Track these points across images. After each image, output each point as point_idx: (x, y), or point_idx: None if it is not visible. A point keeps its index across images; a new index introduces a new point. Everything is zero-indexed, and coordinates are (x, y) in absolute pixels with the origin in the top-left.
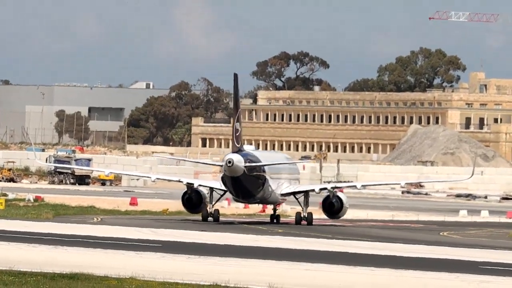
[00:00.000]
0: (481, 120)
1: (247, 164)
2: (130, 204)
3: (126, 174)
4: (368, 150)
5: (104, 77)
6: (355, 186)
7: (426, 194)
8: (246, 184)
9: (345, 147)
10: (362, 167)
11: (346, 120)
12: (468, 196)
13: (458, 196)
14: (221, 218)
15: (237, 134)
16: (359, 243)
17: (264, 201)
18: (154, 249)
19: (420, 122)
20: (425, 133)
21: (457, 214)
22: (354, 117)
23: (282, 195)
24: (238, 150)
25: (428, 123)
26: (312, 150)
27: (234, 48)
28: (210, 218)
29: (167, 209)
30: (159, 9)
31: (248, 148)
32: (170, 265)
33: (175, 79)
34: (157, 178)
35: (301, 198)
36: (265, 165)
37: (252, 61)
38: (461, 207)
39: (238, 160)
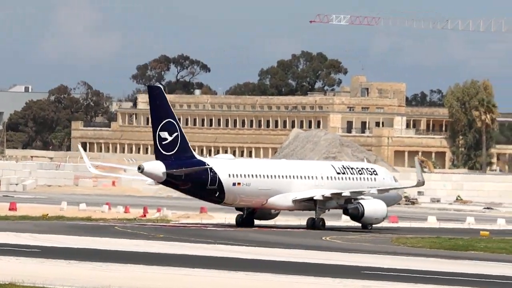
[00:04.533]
0: (363, 123)
1: (169, 171)
2: (10, 209)
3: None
4: (250, 154)
5: None
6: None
7: None
8: (186, 188)
9: (226, 151)
10: None
11: (227, 124)
12: None
13: None
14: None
15: (163, 143)
16: (240, 248)
17: (263, 207)
18: (34, 255)
19: (301, 126)
20: (306, 137)
21: (339, 218)
22: (235, 121)
23: (294, 201)
24: (167, 157)
25: (310, 127)
26: None
27: (115, 51)
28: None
29: (47, 214)
30: (39, 10)
31: (223, 156)
32: (50, 270)
33: (55, 83)
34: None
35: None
36: (177, 171)
37: (132, 64)
38: None
39: (152, 167)
